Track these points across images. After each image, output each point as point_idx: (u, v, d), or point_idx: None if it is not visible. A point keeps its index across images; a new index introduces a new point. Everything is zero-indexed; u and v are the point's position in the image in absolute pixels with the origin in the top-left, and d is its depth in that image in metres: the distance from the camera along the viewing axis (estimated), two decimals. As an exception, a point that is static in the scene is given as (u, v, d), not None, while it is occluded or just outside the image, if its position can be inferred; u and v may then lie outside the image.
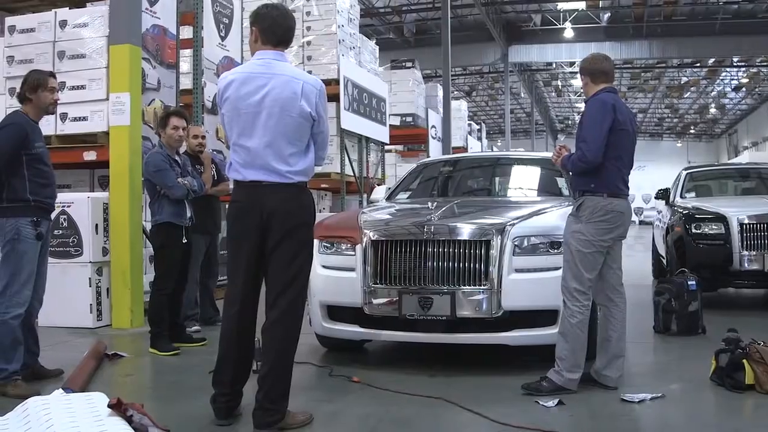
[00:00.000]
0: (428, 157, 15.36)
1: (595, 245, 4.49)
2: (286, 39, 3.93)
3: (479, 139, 26.49)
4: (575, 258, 4.52)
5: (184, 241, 6.06)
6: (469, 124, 24.78)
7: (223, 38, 9.20)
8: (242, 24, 9.65)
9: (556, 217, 5.33)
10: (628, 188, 4.68)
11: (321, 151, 4.00)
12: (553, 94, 45.00)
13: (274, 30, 3.87)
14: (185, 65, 8.88)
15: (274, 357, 3.75)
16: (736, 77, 38.80)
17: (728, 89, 41.05)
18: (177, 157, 6.21)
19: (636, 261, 14.52)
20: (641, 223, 38.36)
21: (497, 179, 7.36)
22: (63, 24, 7.69)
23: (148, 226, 6.71)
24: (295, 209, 3.81)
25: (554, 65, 36.78)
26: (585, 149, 4.52)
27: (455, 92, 36.54)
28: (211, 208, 7.04)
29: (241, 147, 3.82)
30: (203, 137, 7.05)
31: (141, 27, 7.45)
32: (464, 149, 21.45)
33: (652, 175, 44.62)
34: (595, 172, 4.54)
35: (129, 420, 3.38)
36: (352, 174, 12.80)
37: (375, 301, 5.01)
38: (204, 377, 4.76)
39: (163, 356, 5.77)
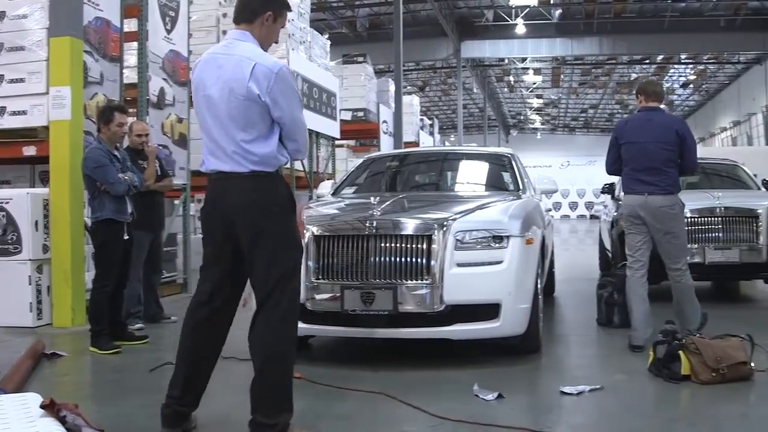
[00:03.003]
0: (380, 152, 15.36)
1: (626, 230, 5.87)
2: (240, 15, 3.61)
3: (431, 134, 26.57)
4: None
5: (126, 237, 5.98)
6: (422, 119, 24.84)
7: (169, 31, 9.05)
8: (189, 17, 9.53)
9: (498, 211, 5.36)
10: (647, 185, 5.67)
11: (289, 141, 3.53)
12: (506, 89, 45.31)
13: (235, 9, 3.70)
14: (132, 59, 8.72)
15: (261, 364, 3.40)
16: (684, 74, 39.45)
17: (676, 86, 41.71)
18: (116, 152, 6.11)
19: (586, 254, 14.73)
20: (592, 217, 39.03)
21: (444, 174, 7.38)
22: (1, 15, 7.48)
23: (89, 223, 6.60)
24: (259, 202, 3.45)
25: (506, 61, 37.02)
26: None
27: (408, 87, 36.61)
28: (155, 204, 6.95)
29: (204, 134, 3.59)
30: (147, 135, 6.96)
31: (83, 19, 7.29)
32: (416, 144, 21.49)
33: (603, 169, 45.17)
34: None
35: (62, 420, 3.30)
36: (302, 169, 12.75)
37: (317, 297, 4.98)
38: (144, 376, 4.72)
39: (104, 355, 5.67)
